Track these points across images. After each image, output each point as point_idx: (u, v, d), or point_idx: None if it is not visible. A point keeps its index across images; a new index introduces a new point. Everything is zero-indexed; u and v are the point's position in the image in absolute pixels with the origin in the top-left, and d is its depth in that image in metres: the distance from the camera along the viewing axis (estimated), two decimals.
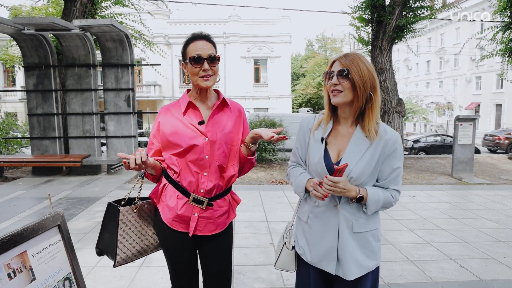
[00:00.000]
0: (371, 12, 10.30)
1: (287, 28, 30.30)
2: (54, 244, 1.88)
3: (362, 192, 1.68)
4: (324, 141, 1.77)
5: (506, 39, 11.35)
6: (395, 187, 1.76)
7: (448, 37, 39.83)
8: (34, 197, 6.61)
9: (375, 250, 1.77)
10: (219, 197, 2.00)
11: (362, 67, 1.65)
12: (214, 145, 1.94)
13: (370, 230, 1.75)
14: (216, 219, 1.99)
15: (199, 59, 1.88)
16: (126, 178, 8.26)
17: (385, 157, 1.71)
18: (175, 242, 2.01)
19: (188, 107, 1.97)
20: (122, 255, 1.96)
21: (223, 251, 2.07)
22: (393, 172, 1.73)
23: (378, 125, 1.72)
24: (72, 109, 8.72)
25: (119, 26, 7.81)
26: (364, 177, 1.69)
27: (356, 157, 1.68)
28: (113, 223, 1.96)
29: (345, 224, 1.72)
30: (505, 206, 6.27)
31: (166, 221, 1.98)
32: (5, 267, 1.53)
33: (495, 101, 34.34)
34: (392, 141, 1.70)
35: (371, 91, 1.66)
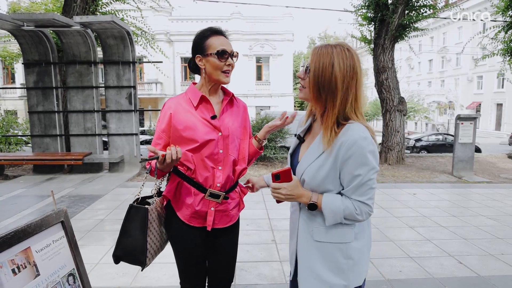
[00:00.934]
0: (374, 11, 10.31)
1: (289, 26, 30.26)
2: (57, 240, 1.90)
3: (315, 198, 1.51)
4: (298, 137, 1.70)
5: (508, 38, 11.38)
6: (358, 198, 1.48)
7: (450, 36, 39.76)
8: (36, 195, 6.64)
9: (342, 268, 1.53)
10: (232, 189, 2.02)
11: (326, 69, 1.46)
12: (227, 139, 1.95)
13: (335, 243, 1.53)
14: (230, 212, 2.02)
15: (224, 53, 1.86)
16: (127, 176, 8.28)
17: (341, 161, 1.46)
18: (191, 238, 2.01)
19: (200, 101, 1.94)
20: (149, 256, 1.94)
21: (232, 244, 2.12)
22: (353, 179, 1.46)
23: (344, 126, 1.49)
24: (73, 107, 8.73)
25: (120, 23, 7.82)
26: (316, 181, 1.52)
27: (312, 158, 1.54)
28: (140, 224, 1.91)
29: (305, 230, 1.58)
30: (504, 204, 6.29)
31: (183, 218, 1.97)
32: (10, 263, 1.55)
33: (496, 100, 34.31)
34: (348, 143, 1.44)
35: (326, 94, 1.47)
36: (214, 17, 30.35)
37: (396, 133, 10.47)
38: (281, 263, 3.74)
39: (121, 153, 8.81)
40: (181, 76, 31.07)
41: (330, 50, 1.47)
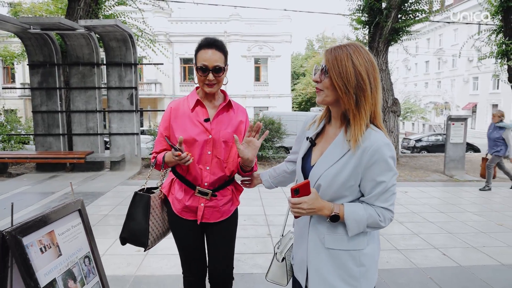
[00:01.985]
0: (369, 15, 10.60)
1: (287, 27, 30.51)
2: (75, 226, 2.15)
3: (337, 209, 1.43)
4: (310, 140, 1.62)
5: (499, 42, 11.71)
6: (381, 204, 1.43)
7: (447, 38, 40.13)
8: (40, 192, 6.86)
9: (355, 275, 1.47)
10: (222, 187, 2.15)
11: (346, 64, 1.39)
12: (217, 142, 2.08)
13: (348, 250, 1.47)
14: (220, 208, 2.15)
15: (204, 69, 1.99)
16: (129, 174, 8.52)
17: (365, 167, 1.40)
18: (185, 229, 2.19)
19: (196, 104, 2.09)
20: (151, 238, 2.14)
21: (227, 237, 2.24)
22: (377, 186, 1.41)
23: (365, 129, 1.43)
24: (76, 107, 8.97)
25: (123, 26, 8.07)
26: (335, 187, 1.45)
27: (330, 162, 1.46)
28: (142, 210, 2.12)
29: (315, 237, 1.51)
30: (491, 201, 6.61)
31: (176, 211, 2.16)
32: (38, 243, 1.80)
33: (491, 101, 34.63)
34: (371, 150, 1.38)
35: (357, 91, 1.39)
36: (213, 18, 30.56)
37: (390, 133, 10.74)
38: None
39: (122, 152, 9.04)
40: (180, 77, 31.26)
41: (344, 48, 1.43)
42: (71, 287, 1.94)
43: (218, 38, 2.11)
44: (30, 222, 1.79)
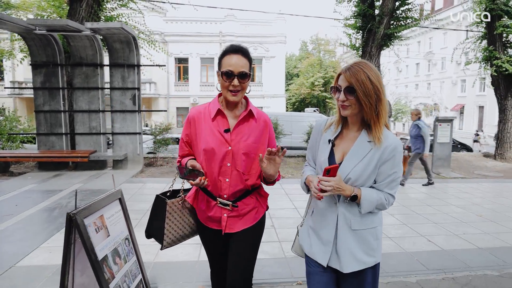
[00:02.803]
0: (362, 21, 11.05)
1: (282, 28, 30.94)
2: (117, 212, 2.54)
3: (356, 191, 1.78)
4: (331, 143, 1.90)
5: (483, 48, 12.33)
6: (389, 191, 1.83)
7: (436, 41, 40.98)
8: (47, 190, 7.08)
9: (374, 247, 1.86)
10: (244, 197, 2.13)
11: (366, 82, 1.70)
12: (236, 154, 2.04)
13: (368, 228, 1.84)
14: (244, 216, 2.14)
15: (230, 74, 1.96)
16: (131, 172, 8.84)
17: (383, 162, 1.78)
18: (210, 237, 2.23)
19: (217, 114, 2.06)
20: (168, 240, 2.23)
21: (250, 246, 2.19)
22: (389, 176, 1.81)
23: (383, 131, 1.80)
24: (79, 107, 9.23)
25: (128, 29, 8.37)
26: (361, 179, 1.80)
27: (356, 160, 1.79)
28: (161, 213, 2.20)
29: (343, 221, 1.83)
30: (473, 196, 7.17)
31: (201, 220, 2.21)
32: (93, 224, 2.18)
33: (478, 103, 35.50)
34: (391, 147, 1.77)
35: (377, 103, 1.74)
36: (208, 19, 30.79)
37: None
38: (280, 243, 4.41)
39: (124, 151, 9.34)
40: (175, 77, 31.48)
41: (360, 69, 1.73)
42: (118, 263, 2.33)
43: (243, 45, 2.09)
44: (87, 207, 2.19)
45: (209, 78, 31.77)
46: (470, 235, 4.85)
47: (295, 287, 3.42)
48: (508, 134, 12.68)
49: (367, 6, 10.86)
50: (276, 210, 5.78)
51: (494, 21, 11.95)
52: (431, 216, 5.64)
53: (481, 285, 3.48)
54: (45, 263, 3.79)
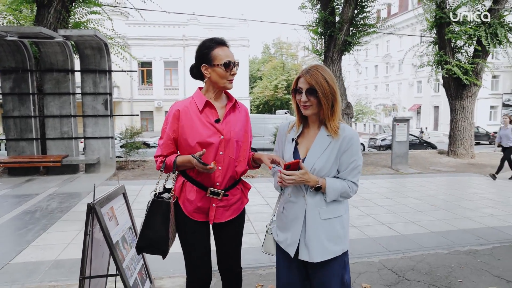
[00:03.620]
0: (324, 27, 11.72)
1: (245, 32, 31.44)
2: (122, 205, 2.88)
3: (321, 182, 1.90)
4: (295, 141, 2.04)
5: (435, 52, 13.37)
6: (352, 179, 1.96)
7: (393, 44, 42.97)
8: (23, 194, 7.11)
9: (341, 236, 1.96)
10: (232, 187, 2.23)
11: (324, 84, 1.87)
12: (228, 142, 2.13)
13: (337, 216, 1.95)
14: (231, 207, 2.22)
15: (228, 64, 2.09)
16: (105, 175, 8.99)
17: (343, 152, 1.92)
18: (195, 231, 2.21)
19: (205, 106, 2.13)
20: (170, 245, 2.15)
21: (237, 234, 2.32)
22: (349, 165, 1.94)
23: (339, 124, 1.95)
24: (50, 112, 9.25)
25: (101, 36, 8.54)
26: (326, 169, 1.93)
27: (319, 152, 1.94)
28: (161, 217, 2.07)
29: (312, 212, 1.93)
30: (428, 189, 7.95)
31: (187, 213, 2.18)
32: (106, 214, 2.51)
33: (433, 103, 37.54)
34: (348, 138, 1.92)
35: (333, 102, 1.91)
36: (171, 22, 30.78)
37: None
38: (257, 234, 4.86)
39: (97, 155, 9.45)
40: (139, 80, 31.22)
41: (317, 71, 1.91)
42: (126, 248, 2.68)
43: None
44: (101, 199, 2.53)
45: (173, 81, 31.73)
46: (424, 222, 5.52)
47: (273, 270, 3.86)
48: (459, 132, 13.70)
49: (328, 14, 11.53)
50: (250, 206, 6.19)
51: (443, 28, 12.98)
52: (391, 207, 6.28)
53: (433, 261, 4.07)
54: (39, 259, 4.02)
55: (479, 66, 13.13)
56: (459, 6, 13.05)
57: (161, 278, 3.52)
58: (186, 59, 30.85)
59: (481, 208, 6.37)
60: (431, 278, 3.67)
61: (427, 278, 3.67)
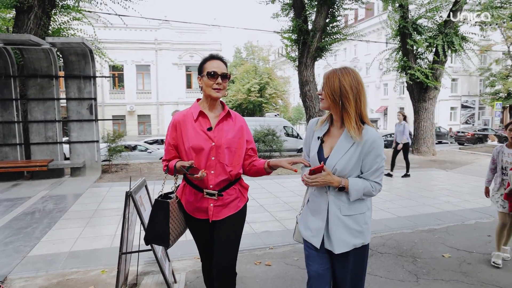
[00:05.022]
0: (298, 35, 12.42)
1: (217, 36, 31.71)
2: (145, 195, 3.36)
3: (344, 182, 1.98)
4: (320, 139, 2.12)
5: (399, 59, 14.43)
6: (375, 179, 2.03)
7: (360, 49, 44.61)
8: (14, 197, 7.31)
9: (361, 230, 2.06)
10: (228, 187, 2.39)
11: (334, 81, 1.97)
12: (220, 149, 2.32)
13: (357, 214, 2.05)
14: (228, 205, 2.40)
15: (214, 74, 2.30)
16: (92, 178, 9.27)
17: (365, 154, 1.99)
18: (198, 227, 2.48)
19: (199, 115, 2.37)
20: (172, 238, 2.37)
21: (233, 231, 2.45)
22: (372, 166, 2.01)
23: (363, 127, 1.99)
24: (34, 117, 9.41)
25: (87, 43, 8.84)
26: (347, 170, 2.00)
27: (341, 153, 2.01)
28: (163, 214, 2.32)
29: (334, 208, 2.04)
30: (395, 182, 9.02)
31: (188, 212, 2.45)
32: (138, 200, 3.00)
33: (399, 104, 39.19)
34: (370, 141, 1.97)
35: (343, 100, 1.97)
36: (143, 26, 30.67)
37: None
38: (248, 224, 5.41)
39: (82, 159, 9.70)
40: (110, 84, 30.99)
41: (336, 71, 2.02)
42: None
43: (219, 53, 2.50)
44: (135, 188, 3.10)
45: (146, 85, 31.68)
46: (392, 209, 6.40)
47: (268, 251, 4.43)
48: (422, 132, 14.86)
49: (302, 21, 12.22)
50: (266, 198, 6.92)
51: (406, 36, 14.01)
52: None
53: (399, 239, 4.89)
54: (55, 252, 4.43)
55: (438, 71, 14.32)
56: (420, 17, 14.23)
57: (172, 261, 3.98)
58: (158, 63, 30.94)
59: (440, 197, 7.34)
60: (398, 250, 4.48)
61: (395, 250, 4.47)
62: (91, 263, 4.09)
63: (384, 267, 3.98)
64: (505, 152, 4.01)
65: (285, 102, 43.87)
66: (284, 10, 13.38)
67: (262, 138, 12.32)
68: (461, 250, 4.46)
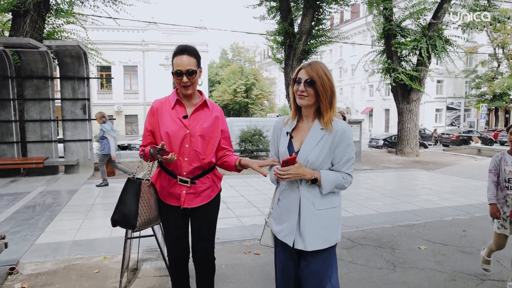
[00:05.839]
0: (284, 37, 12.89)
1: (204, 37, 32.07)
2: None
3: (316, 174, 1.94)
4: (289, 135, 2.09)
5: (383, 61, 14.95)
6: (346, 170, 2.02)
7: (346, 50, 45.39)
8: (14, 192, 7.64)
9: (335, 226, 2.03)
10: (201, 176, 2.41)
11: (324, 78, 1.94)
12: (193, 136, 2.34)
13: (330, 208, 2.02)
14: (200, 193, 2.42)
15: (179, 73, 2.27)
16: (86, 175, 9.60)
17: (336, 145, 1.97)
18: (169, 214, 2.48)
19: (176, 103, 2.38)
20: (140, 221, 2.34)
21: (208, 219, 2.50)
22: (343, 157, 1.99)
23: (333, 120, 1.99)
24: (31, 116, 9.73)
25: (82, 46, 9.18)
26: (319, 161, 1.97)
27: (312, 145, 1.99)
28: (133, 194, 2.35)
29: (306, 202, 1.99)
30: (377, 181, 9.34)
31: (161, 197, 2.47)
32: None
33: (384, 106, 40.06)
34: (340, 132, 1.97)
35: (331, 96, 1.98)
36: (130, 27, 30.69)
37: None
38: (237, 218, 5.86)
39: (76, 157, 10.01)
40: (98, 85, 31.00)
41: (319, 65, 1.97)
42: None
43: (189, 44, 2.41)
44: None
45: (133, 86, 31.83)
46: (374, 206, 6.79)
47: (256, 242, 4.85)
48: (405, 133, 15.21)
49: (288, 25, 12.66)
50: (227, 197, 7.19)
51: (390, 38, 14.54)
52: (346, 196, 7.38)
53: (380, 232, 5.29)
54: (59, 240, 4.80)
55: (422, 73, 14.76)
56: (404, 20, 14.71)
57: None
58: (145, 64, 31.14)
59: (420, 195, 7.76)
60: (378, 242, 4.86)
61: (375, 242, 4.86)
62: (93, 251, 4.46)
63: (364, 256, 4.35)
64: (507, 161, 3.35)
65: (271, 103, 44.45)
66: (271, 13, 13.79)
67: (249, 138, 12.75)
68: (437, 243, 4.83)
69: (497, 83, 33.46)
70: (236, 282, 3.67)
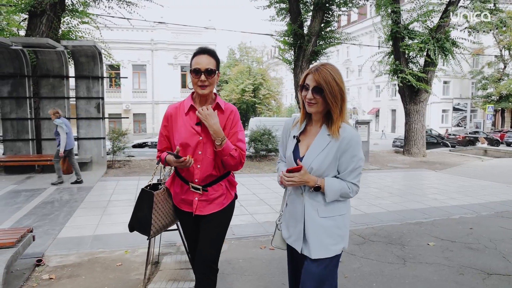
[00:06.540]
0: (293, 39, 13.05)
1: (212, 37, 32.24)
2: None
3: (319, 182, 1.89)
4: (296, 139, 2.04)
5: (391, 62, 15.08)
6: (351, 180, 1.92)
7: (353, 50, 45.42)
8: (32, 188, 7.87)
9: (341, 235, 1.95)
10: (214, 183, 2.35)
11: (332, 84, 1.85)
12: (206, 144, 2.28)
13: (336, 215, 1.94)
14: (213, 201, 2.36)
15: (197, 71, 2.22)
16: (99, 173, 9.81)
17: (342, 152, 1.89)
18: (183, 219, 2.51)
19: (190, 109, 2.33)
20: (153, 229, 2.40)
21: (217, 226, 2.40)
22: (349, 165, 1.90)
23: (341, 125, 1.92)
24: (46, 114, 9.85)
25: (98, 46, 9.40)
26: (323, 168, 1.91)
27: (317, 151, 1.92)
28: (147, 205, 2.36)
29: (311, 210, 1.94)
30: (385, 181, 9.49)
31: (175, 203, 2.48)
32: None
33: (391, 107, 40.10)
34: (347, 139, 1.88)
35: (341, 102, 1.89)
36: (140, 26, 30.95)
37: None
38: (251, 215, 6.02)
39: (90, 154, 10.23)
40: (107, 83, 31.35)
41: (327, 71, 1.88)
42: None
43: (209, 47, 2.42)
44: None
45: (141, 84, 32.15)
46: (383, 204, 6.95)
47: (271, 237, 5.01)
48: (412, 134, 15.36)
49: (298, 26, 12.82)
50: (240, 195, 7.09)
51: (398, 40, 14.68)
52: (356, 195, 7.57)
53: (389, 230, 5.45)
54: (80, 235, 5.00)
55: (429, 74, 14.89)
56: (412, 22, 14.83)
57: None
58: (154, 63, 31.44)
59: (428, 195, 7.91)
60: (388, 239, 5.03)
61: (385, 239, 5.03)
62: (114, 245, 4.64)
63: (375, 252, 4.52)
64: None
65: (278, 102, 44.57)
66: (280, 14, 13.97)
67: (259, 137, 12.93)
68: (445, 239, 4.99)
69: (503, 84, 33.44)
70: (254, 274, 3.84)
